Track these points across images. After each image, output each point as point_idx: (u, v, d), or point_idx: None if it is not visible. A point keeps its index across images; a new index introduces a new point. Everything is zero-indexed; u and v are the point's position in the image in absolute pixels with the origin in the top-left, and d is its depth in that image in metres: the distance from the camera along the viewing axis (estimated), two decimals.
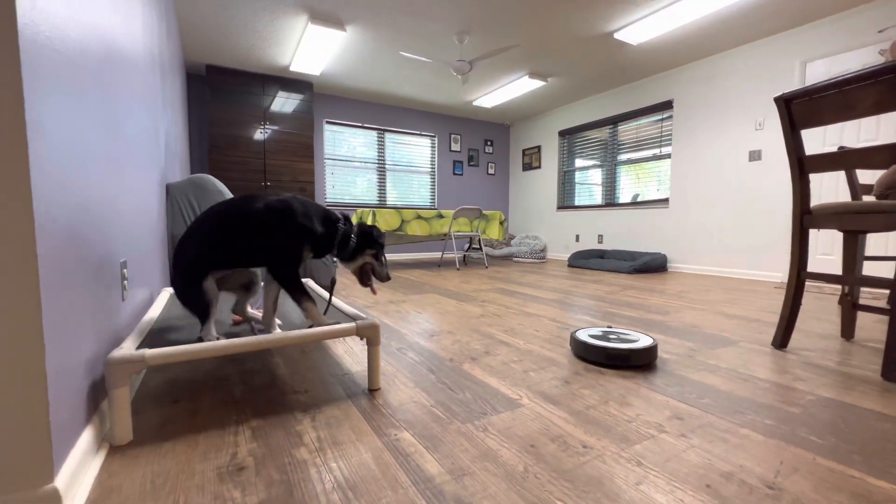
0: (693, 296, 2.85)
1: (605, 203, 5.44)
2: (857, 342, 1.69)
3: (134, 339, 1.01)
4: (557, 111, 6.07)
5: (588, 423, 0.98)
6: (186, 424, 0.97)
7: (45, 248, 0.65)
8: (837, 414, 1.04)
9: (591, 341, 1.43)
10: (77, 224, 0.80)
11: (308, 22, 3.46)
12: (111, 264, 1.07)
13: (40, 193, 0.63)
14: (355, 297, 2.75)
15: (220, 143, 4.44)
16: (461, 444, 0.89)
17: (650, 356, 1.38)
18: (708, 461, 0.83)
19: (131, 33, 1.49)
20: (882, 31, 3.07)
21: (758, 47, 3.79)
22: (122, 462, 0.81)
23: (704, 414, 1.04)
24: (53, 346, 0.66)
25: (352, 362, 1.42)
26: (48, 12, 0.70)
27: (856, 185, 1.95)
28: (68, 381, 0.73)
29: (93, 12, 0.99)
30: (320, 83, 5.01)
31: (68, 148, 0.77)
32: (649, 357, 1.38)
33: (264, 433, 0.93)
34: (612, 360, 1.36)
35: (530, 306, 2.43)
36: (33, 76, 0.62)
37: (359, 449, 0.87)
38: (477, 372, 1.33)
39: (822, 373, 1.34)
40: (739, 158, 3.98)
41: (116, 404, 0.86)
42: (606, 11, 3.30)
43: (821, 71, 3.43)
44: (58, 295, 0.69)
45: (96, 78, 0.99)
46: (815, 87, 1.38)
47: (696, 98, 4.30)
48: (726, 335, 1.80)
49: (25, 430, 0.62)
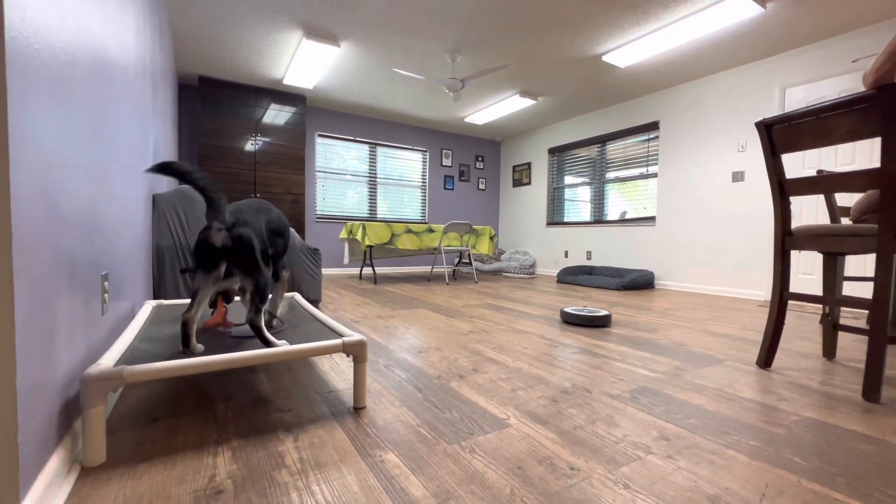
0: (680, 313, 2.88)
1: (594, 220, 5.51)
2: (838, 362, 1.72)
3: (112, 355, 0.98)
4: (547, 129, 6.18)
5: (575, 444, 0.98)
6: (164, 444, 0.94)
7: (22, 259, 0.63)
8: (821, 435, 1.05)
9: (573, 311, 2.43)
10: (57, 234, 0.79)
11: (303, 37, 3.49)
12: (91, 276, 1.04)
13: (19, 202, 0.62)
14: (343, 311, 2.72)
15: (211, 154, 4.41)
16: (447, 465, 0.88)
17: (606, 321, 2.36)
18: (694, 483, 0.83)
19: (122, 43, 1.49)
20: (855, 62, 3.21)
21: (740, 73, 3.93)
22: (93, 485, 0.78)
23: (691, 434, 1.04)
24: (25, 363, 0.64)
25: (338, 379, 1.39)
26: (38, 24, 0.69)
27: (834, 207, 2.01)
28: (40, 399, 0.70)
29: (83, 23, 0.99)
30: (313, 97, 5.04)
31: (52, 157, 0.75)
32: (605, 321, 2.36)
33: (245, 454, 0.90)
34: (585, 322, 2.35)
35: (519, 323, 2.43)
36: (18, 86, 0.62)
37: (342, 471, 0.85)
38: (465, 390, 1.32)
39: (805, 393, 1.35)
40: (723, 179, 4.08)
41: (90, 424, 0.82)
42: (595, 35, 3.40)
43: (799, 97, 3.56)
44: (33, 309, 0.67)
45: (85, 88, 0.98)
46: (794, 113, 1.43)
47: (682, 120, 4.43)
48: (712, 354, 1.81)
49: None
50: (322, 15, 3.17)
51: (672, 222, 4.53)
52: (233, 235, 1.07)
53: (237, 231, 1.08)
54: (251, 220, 1.16)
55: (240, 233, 1.08)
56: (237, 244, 1.08)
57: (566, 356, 1.73)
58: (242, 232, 1.09)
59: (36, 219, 0.68)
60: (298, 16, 3.19)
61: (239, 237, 1.08)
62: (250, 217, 1.17)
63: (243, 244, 1.08)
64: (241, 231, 1.08)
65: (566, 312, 2.43)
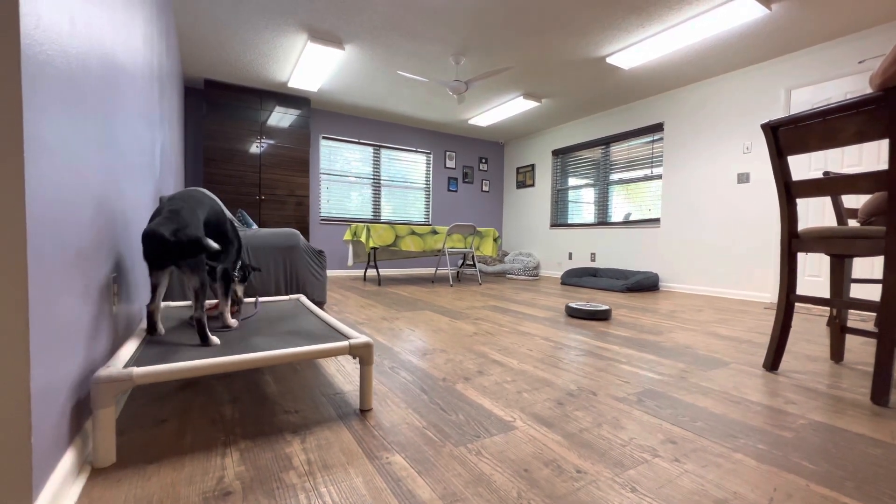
0: (685, 315, 2.87)
1: (598, 222, 5.50)
2: (846, 364, 1.71)
3: (122, 357, 0.99)
4: (551, 131, 6.18)
5: (582, 447, 0.98)
6: (172, 445, 0.94)
7: (36, 262, 0.64)
8: (829, 438, 1.05)
9: (577, 306, 2.71)
10: (69, 238, 0.80)
11: (307, 40, 3.51)
12: (101, 279, 1.05)
13: (34, 207, 0.63)
14: (348, 313, 2.73)
15: (216, 157, 4.44)
16: (454, 468, 0.88)
17: (607, 314, 2.65)
18: (702, 487, 0.82)
19: (131, 49, 1.51)
20: (862, 63, 3.19)
21: (745, 74, 3.92)
22: (103, 486, 0.79)
23: (698, 437, 1.04)
24: (39, 364, 0.65)
25: (343, 381, 1.40)
26: (51, 31, 0.70)
27: (841, 209, 1.99)
28: (52, 401, 0.71)
29: (94, 30, 1.00)
30: (318, 99, 5.07)
31: (65, 162, 0.76)
32: (606, 315, 2.65)
33: (253, 455, 0.91)
34: (588, 315, 2.65)
35: (524, 325, 2.43)
36: (33, 92, 0.63)
37: (349, 473, 0.85)
38: (470, 392, 1.32)
39: (812, 396, 1.34)
40: (728, 180, 4.06)
41: (101, 425, 0.83)
42: (599, 37, 3.40)
43: (805, 98, 3.54)
44: (46, 312, 0.68)
45: (96, 93, 0.99)
46: (800, 115, 1.43)
47: (686, 121, 4.41)
48: (718, 356, 1.81)
49: (5, 454, 0.60)
50: (327, 18, 3.19)
51: (677, 224, 4.52)
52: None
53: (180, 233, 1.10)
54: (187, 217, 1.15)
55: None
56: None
57: (571, 358, 1.73)
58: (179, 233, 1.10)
59: (49, 223, 0.69)
60: (303, 19, 3.21)
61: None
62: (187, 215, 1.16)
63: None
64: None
65: (571, 307, 2.74)
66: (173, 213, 1.11)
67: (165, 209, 1.13)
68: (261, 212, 4.70)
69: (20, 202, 0.59)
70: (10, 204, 0.58)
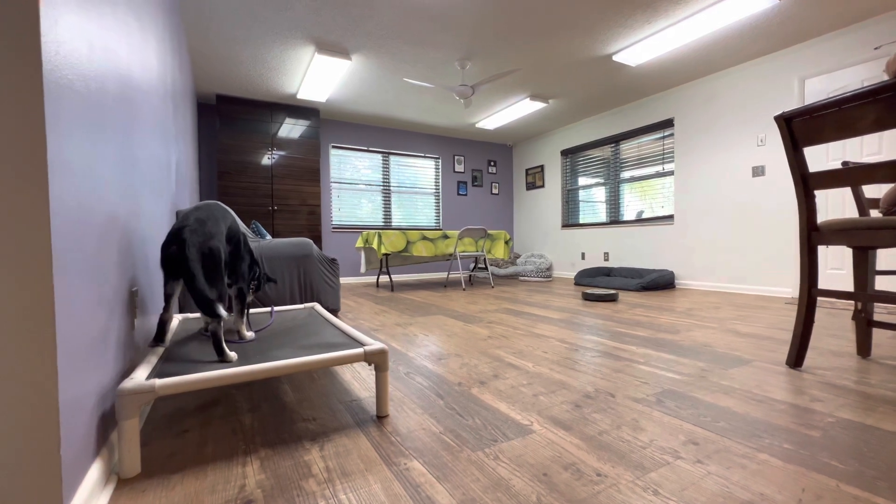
0: (703, 313, 2.81)
1: (610, 220, 5.44)
2: (873, 360, 1.65)
3: (144, 369, 1.01)
4: (559, 131, 6.15)
5: (601, 450, 0.96)
6: (194, 455, 0.96)
7: (61, 278, 0.66)
8: (859, 437, 1.01)
9: (590, 291, 3.53)
10: (91, 253, 0.82)
11: (315, 52, 3.57)
12: (123, 293, 1.08)
13: (58, 225, 0.65)
14: (362, 319, 2.75)
15: (230, 170, 4.53)
16: (472, 473, 0.87)
17: (615, 297, 3.45)
18: (727, 489, 0.80)
19: (146, 69, 1.55)
20: (878, 49, 3.11)
21: (756, 65, 3.85)
22: (130, 496, 0.81)
23: (720, 438, 1.01)
24: (66, 378, 0.67)
25: (360, 388, 1.40)
26: (71, 57, 0.73)
27: (862, 199, 1.94)
28: (80, 413, 0.73)
29: (111, 53, 1.04)
30: (326, 109, 5.14)
31: (86, 181, 0.79)
32: (614, 297, 3.45)
33: (273, 464, 0.92)
34: (599, 298, 3.46)
35: (538, 327, 2.41)
36: (56, 116, 0.65)
37: (368, 480, 0.85)
38: (486, 396, 1.32)
39: (840, 393, 1.30)
40: (743, 174, 3.98)
41: (126, 436, 0.85)
42: (605, 36, 3.38)
43: (819, 87, 3.46)
44: (72, 326, 0.70)
45: (113, 113, 1.02)
46: (814, 105, 1.40)
47: (697, 115, 4.35)
48: (739, 354, 1.77)
49: (36, 466, 0.62)
50: (333, 30, 3.24)
51: (691, 220, 4.44)
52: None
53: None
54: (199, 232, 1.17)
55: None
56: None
57: (588, 360, 1.71)
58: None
59: (73, 239, 0.72)
60: (310, 32, 3.27)
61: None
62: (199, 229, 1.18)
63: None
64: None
65: (587, 293, 3.54)
66: (199, 222, 1.15)
67: (192, 218, 1.16)
68: (274, 222, 4.77)
69: (45, 220, 0.62)
70: (35, 221, 0.61)
